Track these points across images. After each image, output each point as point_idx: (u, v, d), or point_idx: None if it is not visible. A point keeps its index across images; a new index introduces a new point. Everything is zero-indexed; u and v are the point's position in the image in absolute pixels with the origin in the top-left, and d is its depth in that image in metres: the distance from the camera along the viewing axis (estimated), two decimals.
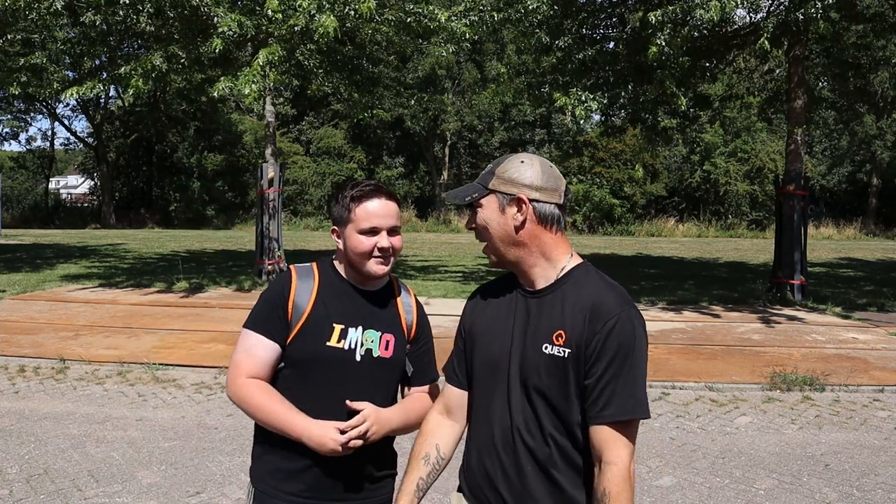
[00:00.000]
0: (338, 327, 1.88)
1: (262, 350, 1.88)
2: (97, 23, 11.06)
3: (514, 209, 1.62)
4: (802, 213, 11.39)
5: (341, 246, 1.93)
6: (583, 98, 10.52)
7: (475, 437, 1.71)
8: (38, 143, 43.49)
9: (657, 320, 9.37)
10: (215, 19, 10.16)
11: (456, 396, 1.78)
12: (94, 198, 41.95)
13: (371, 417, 1.81)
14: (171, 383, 6.07)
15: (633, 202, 36.02)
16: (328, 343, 1.87)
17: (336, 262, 1.99)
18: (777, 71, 15.99)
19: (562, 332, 1.56)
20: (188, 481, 3.98)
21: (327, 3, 9.84)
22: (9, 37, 12.24)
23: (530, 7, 10.71)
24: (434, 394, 2.01)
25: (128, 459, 4.30)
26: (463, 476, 1.76)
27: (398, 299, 2.01)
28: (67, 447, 4.50)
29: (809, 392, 5.98)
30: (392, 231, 1.90)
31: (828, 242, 29.83)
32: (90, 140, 39.47)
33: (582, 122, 12.96)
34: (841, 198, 39.91)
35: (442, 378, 1.89)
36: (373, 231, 1.87)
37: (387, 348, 1.92)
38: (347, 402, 1.82)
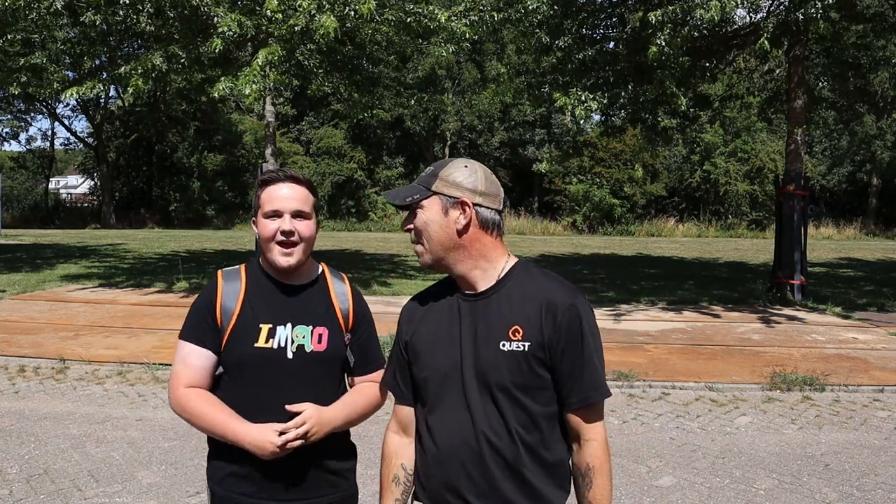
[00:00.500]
0: (265, 327, 1.86)
1: (196, 359, 1.88)
2: (97, 23, 11.06)
3: (458, 212, 1.62)
4: (802, 213, 11.39)
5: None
6: (583, 98, 10.51)
7: (430, 449, 1.67)
8: (38, 143, 43.58)
9: (657, 320, 9.37)
10: (215, 19, 10.16)
11: (406, 413, 1.75)
12: (94, 198, 41.96)
13: (312, 419, 1.78)
14: None
15: (633, 202, 36.02)
16: (256, 344, 1.85)
17: (262, 261, 1.95)
18: (777, 71, 15.98)
19: (518, 327, 1.59)
20: (188, 481, 3.98)
21: (327, 3, 9.84)
22: (9, 37, 12.25)
23: (530, 7, 10.71)
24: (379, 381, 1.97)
25: (128, 459, 4.30)
26: (421, 490, 1.71)
27: (331, 289, 1.97)
28: (67, 447, 4.50)
29: (809, 392, 5.98)
30: (297, 215, 1.85)
31: (828, 242, 29.83)
32: (90, 140, 39.48)
33: (582, 122, 12.93)
34: (841, 198, 39.92)
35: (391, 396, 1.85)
36: (275, 214, 1.84)
37: (320, 342, 1.89)
38: (287, 406, 1.79)
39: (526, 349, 1.58)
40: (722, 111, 14.91)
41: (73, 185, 55.61)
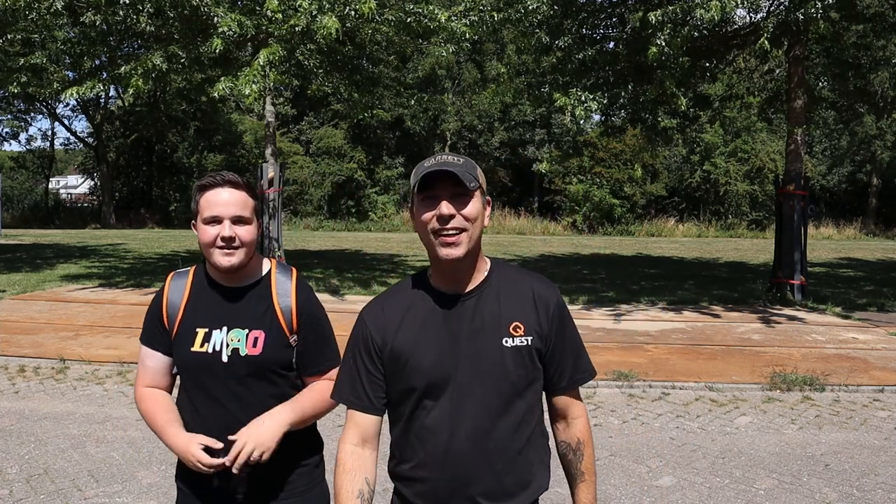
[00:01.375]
0: (201, 331, 1.86)
1: (149, 360, 1.93)
2: (97, 23, 11.06)
3: (488, 209, 1.68)
4: (802, 213, 11.38)
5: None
6: (583, 98, 10.51)
7: (421, 454, 1.62)
8: (38, 143, 43.51)
9: (657, 320, 9.37)
10: (215, 19, 10.16)
11: (370, 424, 1.65)
12: (94, 198, 41.94)
13: (250, 441, 1.74)
14: None
15: (633, 202, 36.02)
16: (192, 348, 1.85)
17: (207, 264, 1.93)
18: (777, 71, 15.98)
19: (518, 323, 1.63)
20: None
21: (328, 3, 9.84)
22: (9, 37, 12.24)
23: (530, 7, 10.71)
24: (334, 376, 1.89)
25: (128, 459, 4.30)
26: (415, 495, 1.65)
27: (273, 290, 1.91)
28: (67, 447, 4.50)
29: (809, 392, 5.98)
30: (237, 221, 1.82)
31: (828, 242, 29.82)
32: (90, 140, 39.46)
33: (582, 122, 12.93)
34: (841, 198, 39.91)
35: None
36: (215, 220, 1.82)
37: (255, 346, 1.85)
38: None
39: (528, 343, 1.63)
40: (722, 111, 14.90)
41: (73, 185, 55.60)
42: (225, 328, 1.86)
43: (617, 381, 6.11)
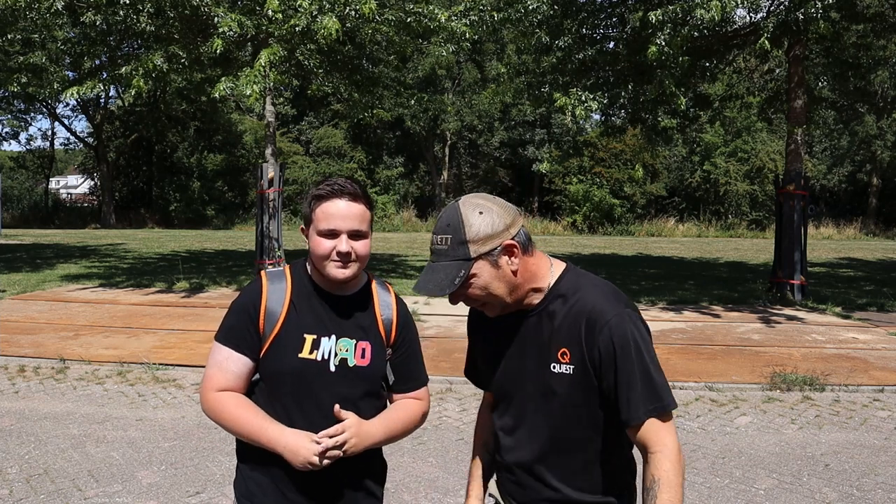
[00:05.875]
0: (309, 338, 1.79)
1: (233, 364, 1.80)
2: (97, 23, 11.07)
3: (506, 257, 1.58)
4: (802, 213, 11.38)
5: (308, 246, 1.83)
6: (583, 98, 10.52)
7: (501, 449, 1.77)
8: (38, 142, 43.49)
9: (657, 320, 9.37)
10: (215, 19, 10.16)
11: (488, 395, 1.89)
12: (94, 198, 41.95)
13: (352, 428, 1.72)
14: (171, 383, 6.07)
15: (633, 202, 36.03)
16: (300, 355, 1.77)
17: (308, 266, 1.88)
18: (777, 71, 15.99)
19: (566, 349, 1.59)
20: (188, 481, 3.98)
21: (328, 3, 9.84)
22: (9, 36, 12.25)
23: (530, 7, 10.71)
24: (421, 399, 1.93)
25: (128, 459, 4.30)
26: (495, 482, 1.84)
27: (375, 301, 1.89)
28: (67, 447, 4.50)
29: (809, 392, 5.98)
30: (354, 235, 1.76)
31: (828, 242, 29.82)
32: (90, 140, 39.46)
33: (582, 122, 12.93)
34: (841, 198, 39.90)
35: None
36: (332, 234, 1.75)
37: (363, 357, 1.82)
38: (336, 406, 1.74)
39: (572, 372, 1.59)
40: (722, 111, 14.90)
41: (73, 185, 55.62)
42: (333, 336, 1.81)
43: None
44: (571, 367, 1.57)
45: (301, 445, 1.68)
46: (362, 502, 1.87)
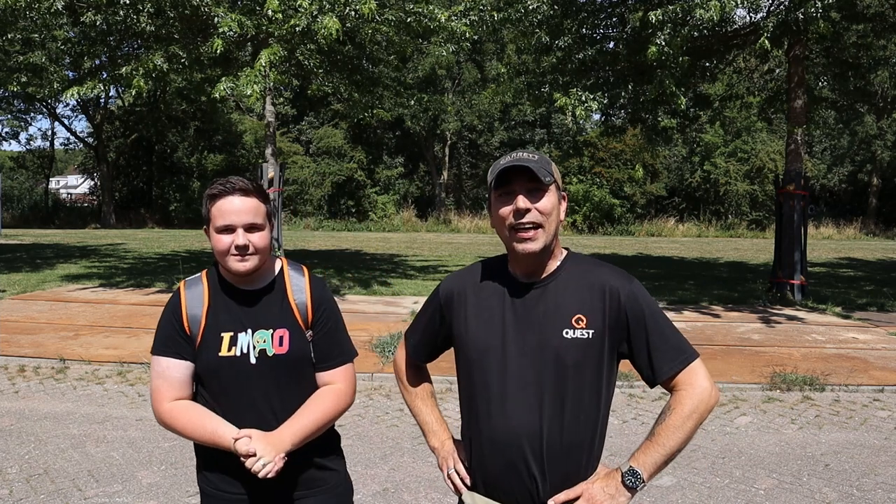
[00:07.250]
0: (226, 335, 1.85)
1: (175, 371, 1.87)
2: (97, 23, 11.07)
3: (565, 204, 1.73)
4: (802, 213, 11.38)
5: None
6: (583, 98, 10.52)
7: (480, 434, 1.71)
8: (38, 142, 43.54)
9: None
10: (215, 19, 10.16)
11: (415, 365, 1.98)
12: (94, 198, 41.93)
13: (264, 457, 1.74)
14: None
15: (633, 202, 36.04)
16: (220, 354, 1.84)
17: (220, 268, 1.93)
18: (777, 71, 15.98)
19: (581, 315, 1.64)
20: (188, 481, 3.98)
21: (328, 3, 9.84)
22: (9, 36, 12.25)
23: (530, 7, 10.72)
24: (347, 376, 1.96)
25: (128, 459, 4.30)
26: (475, 473, 1.76)
27: (288, 287, 1.94)
28: (67, 447, 4.50)
29: (809, 392, 5.98)
30: (250, 228, 1.83)
31: (828, 242, 29.82)
32: (90, 140, 39.45)
33: (582, 121, 12.94)
34: (841, 198, 39.90)
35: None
36: (228, 229, 1.82)
37: (281, 344, 1.87)
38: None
39: (591, 336, 1.64)
40: (722, 111, 14.91)
41: (73, 185, 55.61)
42: (249, 330, 1.87)
43: (617, 381, 6.10)
44: (590, 331, 1.63)
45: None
46: (319, 477, 1.94)
